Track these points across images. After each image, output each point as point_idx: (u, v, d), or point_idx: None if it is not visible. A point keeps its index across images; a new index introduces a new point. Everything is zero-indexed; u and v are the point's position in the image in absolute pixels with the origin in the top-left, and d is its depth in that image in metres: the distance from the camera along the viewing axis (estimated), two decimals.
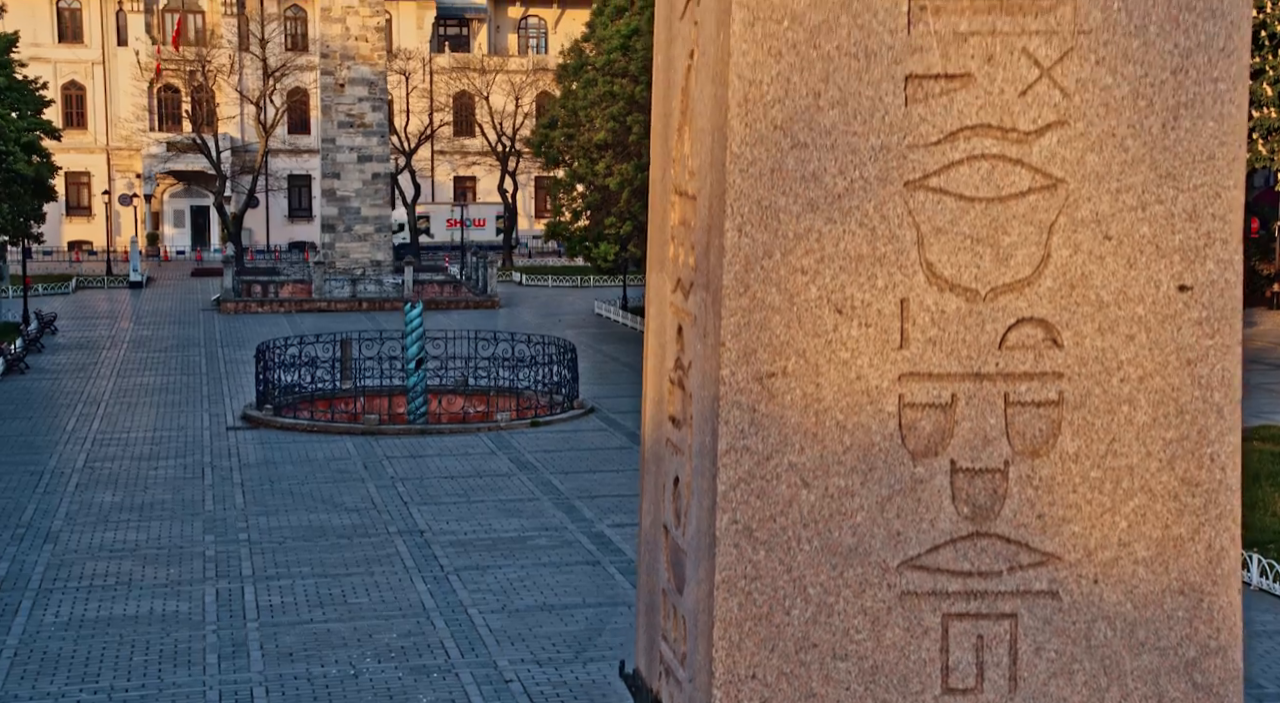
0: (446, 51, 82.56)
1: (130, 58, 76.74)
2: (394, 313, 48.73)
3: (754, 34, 4.19)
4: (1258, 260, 47.90)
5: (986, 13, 4.19)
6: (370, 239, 51.45)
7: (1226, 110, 4.29)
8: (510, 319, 46.74)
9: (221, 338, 41.22)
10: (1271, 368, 34.73)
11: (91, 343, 39.52)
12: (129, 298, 53.73)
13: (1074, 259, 4.25)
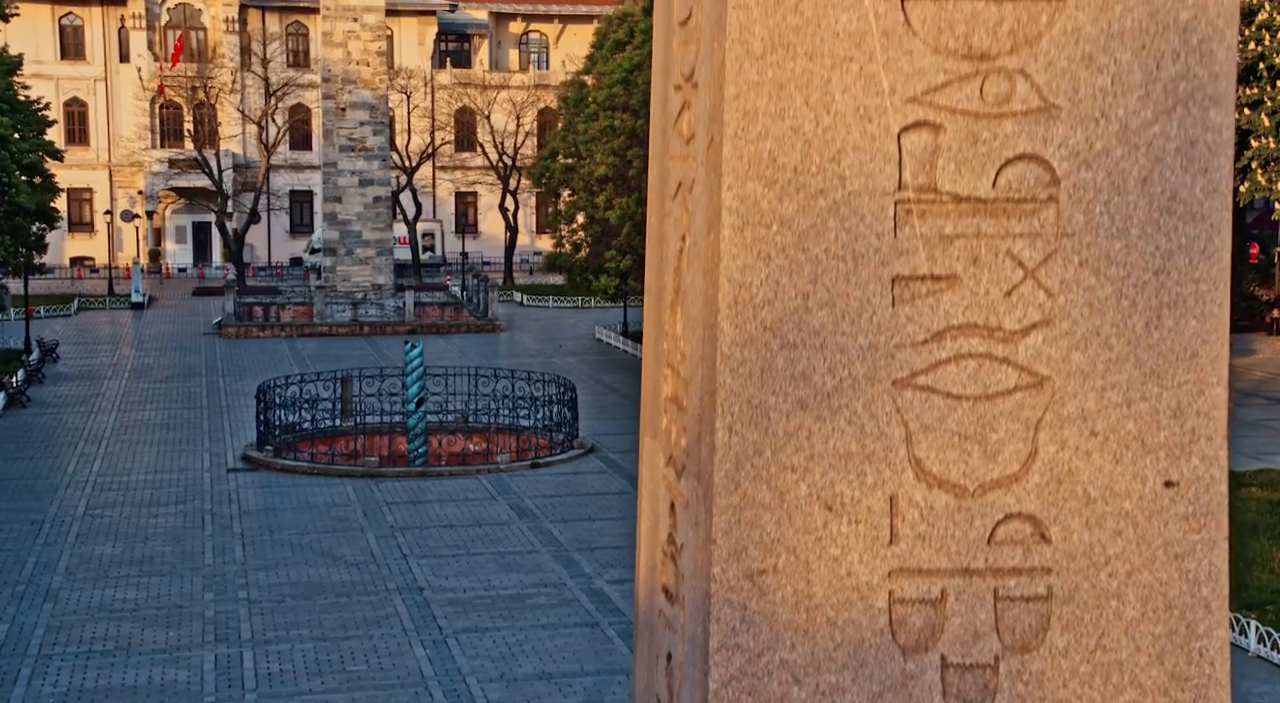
0: (448, 67, 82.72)
1: (132, 74, 76.90)
2: (395, 337, 48.80)
3: (744, 238, 4.24)
4: (1257, 286, 47.92)
5: (971, 216, 4.25)
6: (371, 262, 51.53)
7: (1209, 310, 4.33)
8: (511, 344, 46.83)
9: (222, 366, 41.26)
10: (1271, 402, 34.61)
11: (93, 372, 39.57)
12: (130, 320, 53.79)
13: (1061, 455, 4.29)
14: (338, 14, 50.20)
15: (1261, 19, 37.99)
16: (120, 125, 77.94)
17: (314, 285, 50.85)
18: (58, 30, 77.47)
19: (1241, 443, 28.75)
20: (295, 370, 40.88)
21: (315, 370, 40.88)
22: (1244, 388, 36.60)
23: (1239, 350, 43.63)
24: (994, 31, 4.20)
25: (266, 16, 78.95)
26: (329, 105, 50.93)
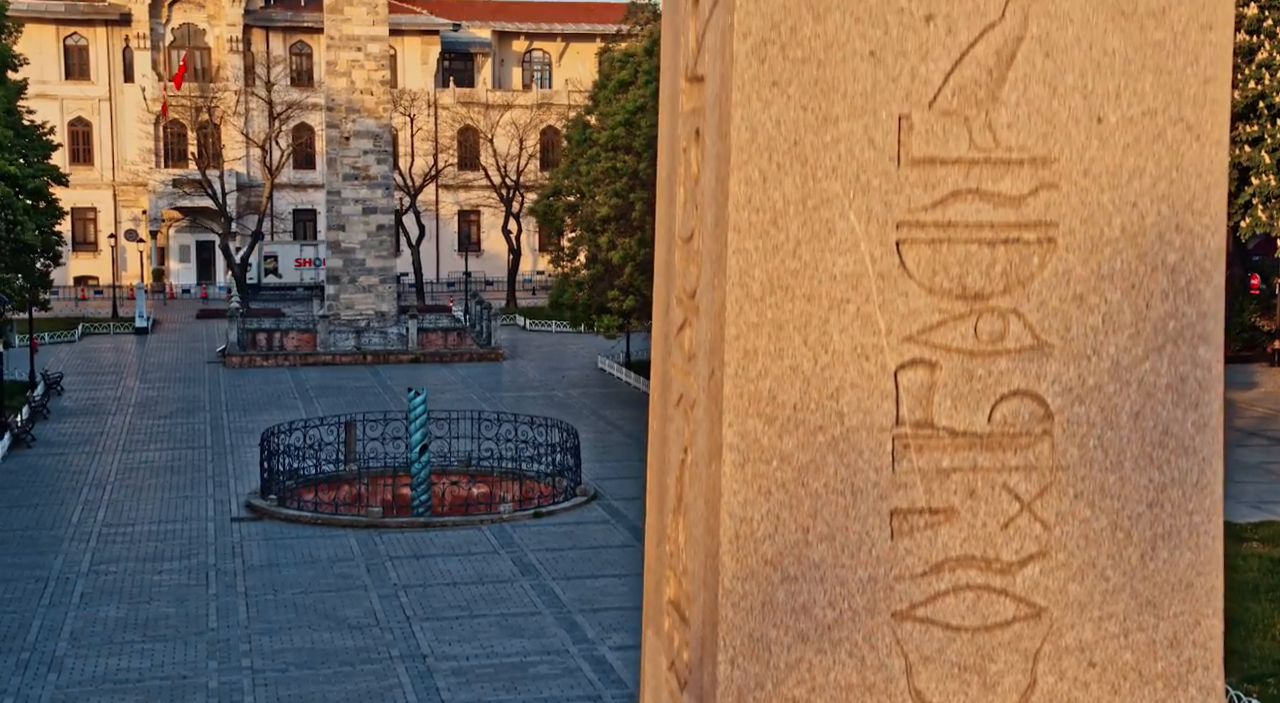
0: (451, 86, 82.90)
1: (137, 95, 77.14)
2: (398, 366, 48.95)
3: (744, 474, 4.32)
4: (1258, 316, 47.93)
5: (967, 449, 4.33)
6: (375, 290, 51.65)
7: (1203, 541, 4.42)
8: (514, 374, 46.91)
9: (226, 399, 41.38)
10: (1273, 443, 34.56)
11: (97, 407, 39.70)
12: (134, 346, 53.93)
13: (1060, 686, 4.37)
14: (342, 44, 50.35)
15: (1261, 58, 38.12)
16: (124, 145, 78.15)
17: (318, 315, 50.95)
18: (62, 50, 77.72)
19: (1242, 490, 28.65)
20: (298, 403, 41.06)
21: (318, 403, 41.08)
22: (1245, 425, 36.56)
23: (1239, 382, 43.64)
24: (987, 273, 4.28)
25: (270, 37, 79.17)
26: (333, 134, 51.07)
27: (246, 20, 78.18)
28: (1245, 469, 30.95)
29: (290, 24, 79.38)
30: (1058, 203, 4.30)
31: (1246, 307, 47.82)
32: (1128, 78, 4.01)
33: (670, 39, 4.84)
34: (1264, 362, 47.34)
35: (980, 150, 4.08)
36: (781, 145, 3.96)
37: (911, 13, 3.87)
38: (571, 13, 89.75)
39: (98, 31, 77.73)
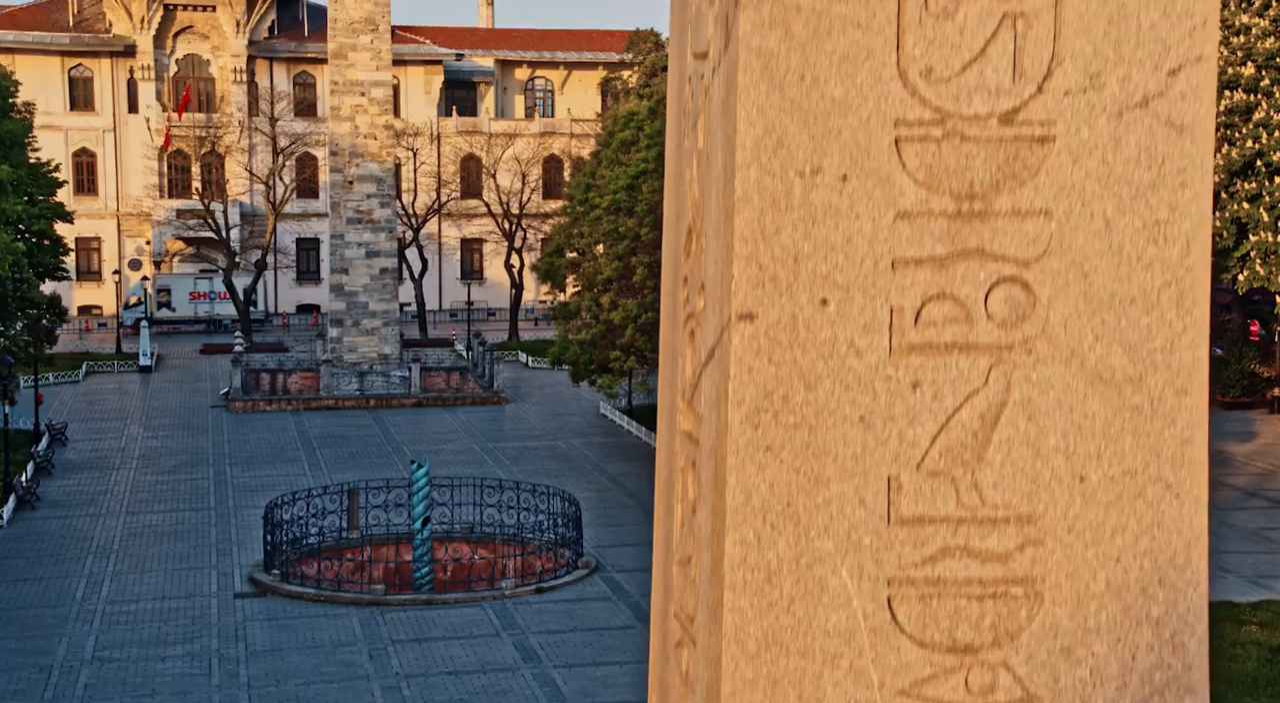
0: (454, 115, 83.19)
1: (141, 125, 77.45)
2: (400, 410, 49.12)
3: None
4: (1257, 363, 48.06)
5: None
6: (378, 333, 51.85)
7: None
8: (516, 421, 47.02)
9: (230, 449, 41.56)
10: (1273, 505, 34.56)
11: (101, 460, 39.88)
12: (138, 387, 54.12)
13: None
14: (346, 89, 50.59)
15: (1259, 117, 38.31)
16: (128, 175, 78.44)
17: (321, 360, 51.16)
18: (67, 82, 78.06)
19: (1240, 561, 28.53)
20: (301, 454, 41.23)
21: (321, 454, 41.25)
22: (1243, 484, 36.53)
23: (1238, 432, 43.68)
24: (976, 626, 4.44)
25: (274, 67, 79.49)
26: (336, 178, 51.30)
27: (250, 51, 78.51)
28: (1244, 537, 30.83)
29: (294, 55, 79.71)
30: (1043, 558, 4.47)
31: (1246, 353, 47.96)
32: (1108, 439, 4.17)
33: (668, 364, 4.95)
34: (1263, 409, 47.44)
35: (967, 509, 4.24)
36: (775, 507, 4.10)
37: (899, 380, 4.03)
38: (574, 41, 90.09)
39: (102, 63, 78.09)
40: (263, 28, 79.24)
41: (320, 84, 77.62)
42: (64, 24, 78.05)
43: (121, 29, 77.44)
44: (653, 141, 34.02)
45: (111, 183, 78.90)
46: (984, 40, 3.17)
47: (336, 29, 50.71)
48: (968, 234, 3.67)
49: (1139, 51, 3.24)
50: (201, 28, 78.58)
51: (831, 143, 3.22)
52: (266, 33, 79.52)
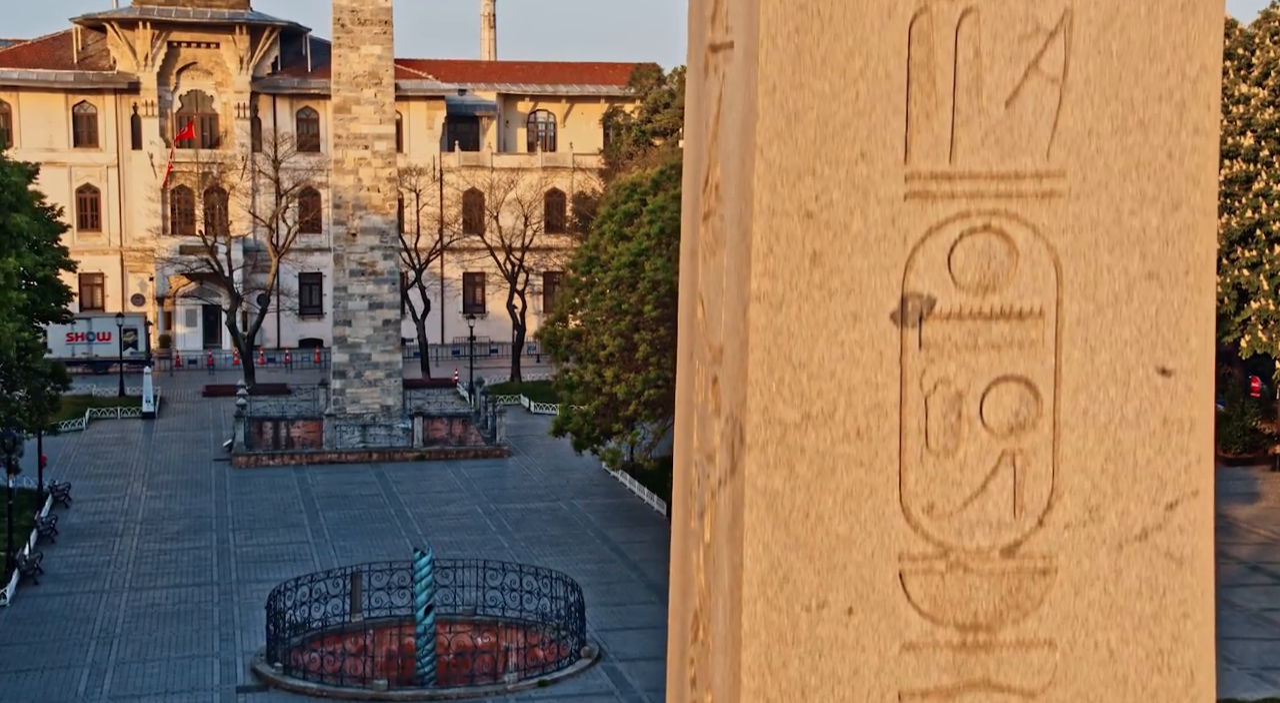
0: (456, 149, 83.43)
1: (144, 161, 77.72)
2: (403, 465, 49.23)
3: None
4: (1258, 419, 48.14)
5: None
6: (380, 384, 52.00)
7: None
8: (518, 478, 47.09)
9: (233, 513, 41.67)
10: (1277, 582, 34.45)
11: (104, 525, 40.01)
12: (141, 437, 54.24)
13: None
14: (349, 142, 50.78)
15: (1258, 187, 38.45)
16: (132, 211, 78.67)
17: (324, 414, 51.30)
18: (71, 118, 78.32)
19: (1244, 650, 28.30)
20: (304, 518, 41.35)
21: (324, 516, 41.36)
22: (1245, 556, 36.46)
23: (1239, 492, 43.67)
24: None
25: (277, 103, 79.74)
26: (339, 230, 51.48)
27: (253, 87, 78.79)
28: (1247, 620, 30.60)
29: (297, 91, 79.98)
30: None
31: (1247, 409, 48.03)
32: None
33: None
34: (1265, 465, 47.46)
35: None
36: None
37: None
38: (576, 74, 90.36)
39: (106, 99, 78.36)
40: (266, 64, 79.53)
41: (323, 120, 77.84)
42: (68, 61, 78.34)
43: (125, 66, 77.73)
44: (655, 217, 34.19)
45: (115, 219, 79.15)
46: (984, 477, 3.23)
47: (340, 83, 50.91)
48: (973, 665, 3.73)
49: (1136, 486, 3.30)
50: (205, 64, 78.86)
51: (837, 577, 3.29)
52: (270, 69, 79.79)
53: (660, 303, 33.17)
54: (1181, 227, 3.08)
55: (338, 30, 50.81)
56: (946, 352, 3.11)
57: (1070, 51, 3.02)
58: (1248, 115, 38.48)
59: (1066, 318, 3.08)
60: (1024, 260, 3.02)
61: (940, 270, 2.98)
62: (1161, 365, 3.24)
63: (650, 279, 33.16)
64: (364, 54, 50.63)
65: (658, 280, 33.11)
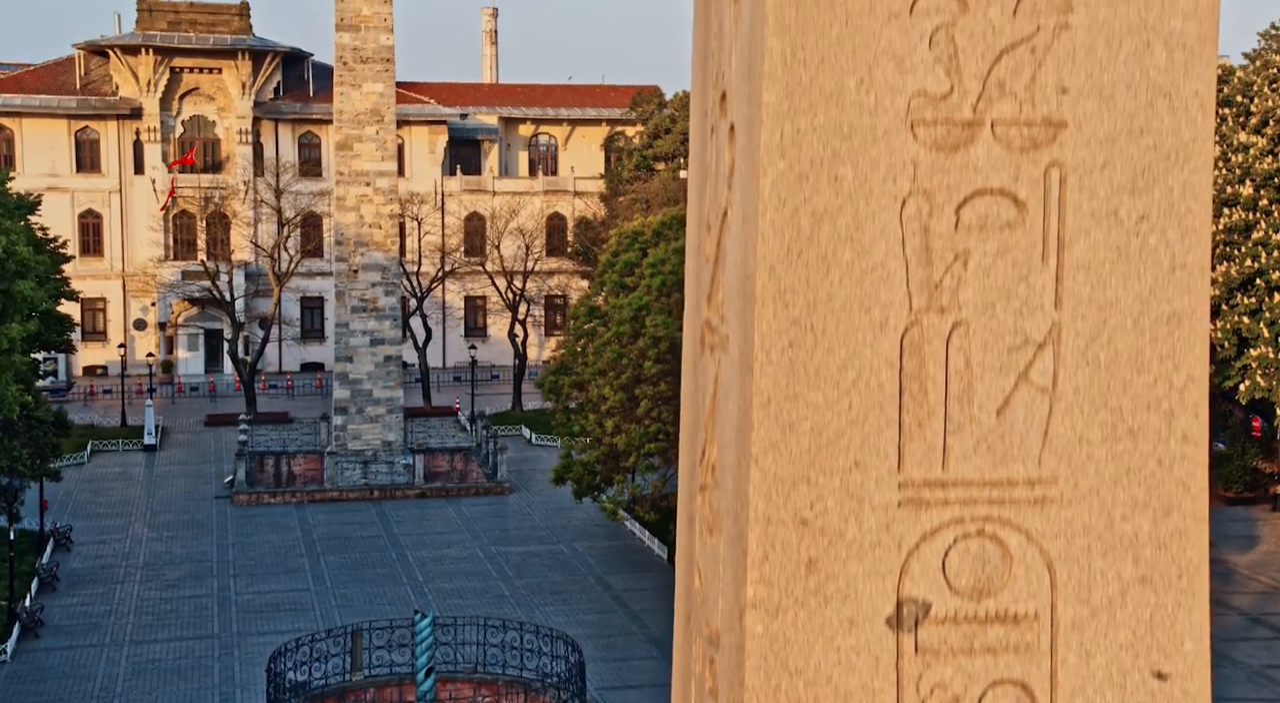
0: (458, 174, 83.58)
1: (147, 186, 77.92)
2: (404, 503, 49.31)
3: None
4: (1259, 459, 48.19)
5: None
6: (381, 420, 52.08)
7: None
8: (519, 518, 47.11)
9: (234, 557, 41.73)
10: (1277, 635, 34.34)
11: (105, 570, 40.09)
12: (143, 471, 54.34)
13: None
14: (351, 179, 50.91)
15: (1258, 236, 38.52)
16: (134, 236, 78.85)
17: (325, 451, 51.39)
18: (73, 144, 78.52)
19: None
20: (305, 562, 41.42)
21: (325, 560, 41.43)
22: (1246, 606, 36.39)
23: (1240, 534, 43.68)
24: None
25: (279, 128, 79.92)
26: (341, 267, 51.59)
27: (255, 112, 79.00)
28: (1250, 678, 30.40)
29: (299, 116, 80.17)
30: None
31: (1248, 449, 48.07)
32: None
33: None
34: (1265, 504, 47.48)
35: None
36: None
37: None
38: (578, 97, 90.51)
39: (109, 125, 78.57)
40: (268, 89, 79.73)
41: (325, 145, 78.03)
42: (71, 86, 78.55)
43: (128, 91, 77.93)
44: (656, 270, 34.28)
45: (117, 244, 79.34)
46: None
47: (342, 120, 51.05)
48: None
49: None
50: (207, 89, 79.07)
51: None
52: (272, 94, 80.00)
53: (661, 358, 33.27)
54: (1173, 532, 3.12)
55: (340, 68, 50.95)
56: (943, 656, 3.11)
57: (1059, 362, 3.07)
58: (1246, 164, 38.57)
59: (1061, 622, 3.10)
60: (1018, 565, 3.05)
61: (935, 576, 3.01)
62: (1157, 669, 3.28)
63: (651, 335, 33.28)
64: (366, 91, 50.77)
65: (658, 336, 33.22)
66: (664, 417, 32.98)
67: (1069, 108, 3.23)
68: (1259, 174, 38.34)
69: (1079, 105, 3.30)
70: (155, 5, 78.26)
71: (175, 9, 78.58)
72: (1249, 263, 38.07)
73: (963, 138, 3.33)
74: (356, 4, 50.51)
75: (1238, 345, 40.53)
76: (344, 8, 50.58)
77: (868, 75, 3.13)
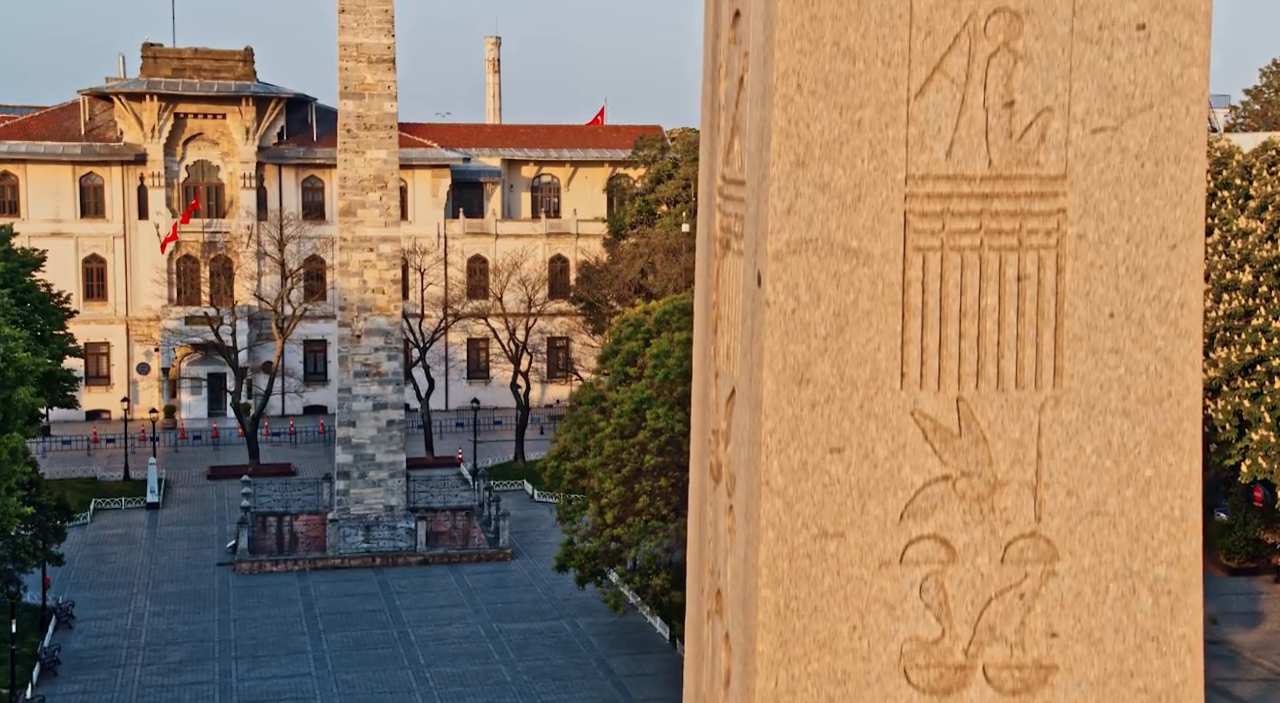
0: (461, 217, 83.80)
1: (151, 231, 78.15)
2: (406, 571, 49.38)
3: None
4: (1261, 529, 48.20)
5: None
6: (384, 484, 52.23)
7: None
8: (522, 588, 47.11)
9: (236, 636, 41.81)
10: None
11: (106, 652, 40.19)
12: (145, 532, 54.46)
13: None
14: (354, 245, 51.11)
15: (1257, 323, 38.61)
16: (138, 281, 79.05)
17: (328, 518, 51.52)
18: (78, 189, 78.77)
19: None
20: (307, 642, 41.51)
21: (327, 639, 41.51)
22: (1248, 697, 36.25)
23: (1243, 610, 43.60)
24: None
25: (283, 172, 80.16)
26: (345, 332, 51.77)
27: (259, 157, 79.25)
28: None
29: (302, 160, 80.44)
30: None
31: (1250, 519, 48.08)
32: None
33: None
34: (1268, 576, 47.43)
35: None
36: None
37: None
38: (580, 138, 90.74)
39: (113, 170, 78.83)
40: (272, 134, 79.99)
41: (328, 189, 78.24)
42: (75, 132, 78.82)
43: (132, 137, 78.19)
44: (658, 362, 34.46)
45: (121, 289, 79.54)
46: None
47: (346, 187, 51.27)
48: None
49: None
50: (211, 135, 79.33)
51: None
52: (276, 139, 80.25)
53: (661, 451, 33.42)
54: None
55: (344, 136, 51.18)
56: None
57: None
58: (1246, 250, 38.70)
59: None
60: None
61: None
62: None
63: (652, 428, 33.45)
64: (369, 158, 50.99)
65: (659, 429, 33.38)
66: (664, 513, 33.12)
67: (1059, 651, 3.36)
68: (1258, 261, 38.47)
69: (1069, 649, 3.43)
70: (160, 52, 78.58)
71: (180, 55, 78.88)
72: (1249, 349, 38.18)
73: (955, 681, 3.46)
74: (360, 72, 50.76)
75: (1239, 427, 40.62)
76: (348, 76, 50.83)
77: (860, 622, 3.29)
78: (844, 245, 3.57)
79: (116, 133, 78.84)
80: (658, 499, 33.44)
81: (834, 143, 3.52)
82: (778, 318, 3.57)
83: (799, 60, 3.34)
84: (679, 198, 79.18)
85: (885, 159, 3.45)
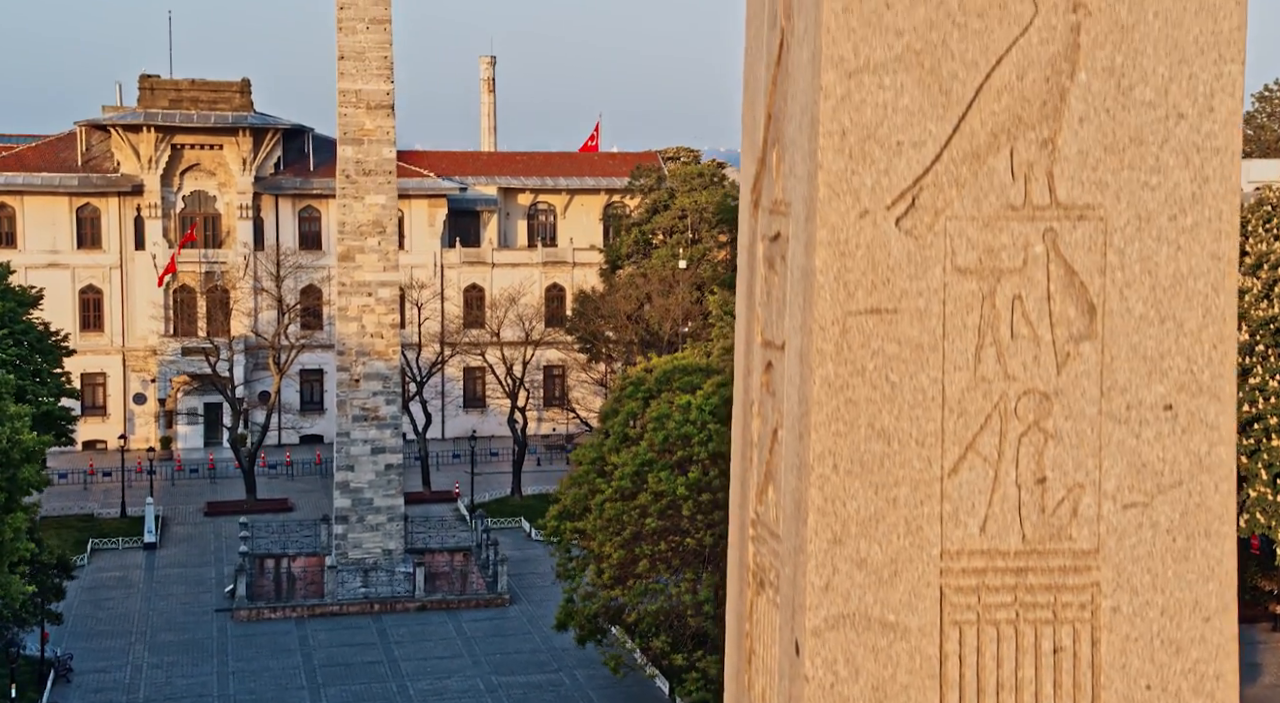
0: (457, 246, 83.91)
1: (147, 262, 78.14)
2: (404, 618, 49.41)
3: None
4: (1259, 576, 48.32)
5: None
6: (382, 529, 52.27)
7: None
8: (520, 636, 47.12)
9: (234, 692, 41.82)
10: None
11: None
12: (143, 575, 54.43)
13: None
14: (353, 289, 51.18)
15: (1254, 382, 38.79)
16: (134, 311, 79.06)
17: (326, 565, 51.54)
18: (74, 220, 78.77)
19: None
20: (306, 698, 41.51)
21: (325, 693, 41.53)
22: None
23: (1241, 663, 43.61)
24: None
25: (280, 203, 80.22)
26: (343, 376, 51.84)
27: (256, 187, 79.31)
28: None
29: (299, 191, 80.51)
30: None
31: (1247, 566, 48.20)
32: None
33: None
34: (1265, 623, 47.54)
35: None
36: None
37: None
38: (576, 166, 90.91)
39: (109, 201, 78.86)
40: (269, 164, 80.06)
41: (325, 218, 78.35)
42: (72, 163, 78.83)
43: (129, 168, 78.22)
44: (659, 425, 34.58)
45: (117, 319, 79.55)
46: None
47: (345, 232, 51.35)
48: None
49: None
50: (208, 165, 79.38)
51: None
52: (273, 169, 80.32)
53: (662, 515, 33.53)
54: None
55: (342, 181, 51.27)
56: None
57: None
58: (1242, 309, 38.87)
59: None
60: None
61: None
62: None
63: (652, 491, 33.56)
64: (368, 203, 51.08)
65: (659, 492, 33.49)
66: (664, 576, 33.21)
67: None
68: (1254, 320, 38.66)
69: None
70: (157, 83, 78.64)
71: (177, 86, 78.94)
72: (1246, 407, 38.36)
73: None
74: (359, 118, 50.85)
75: (1237, 483, 40.78)
76: (347, 122, 50.93)
77: None
78: (881, 620, 3.70)
79: (113, 163, 78.87)
80: (658, 562, 33.55)
81: (870, 520, 3.65)
82: (816, 693, 3.69)
83: (835, 441, 3.48)
84: (675, 228, 79.35)
85: (920, 535, 3.60)
